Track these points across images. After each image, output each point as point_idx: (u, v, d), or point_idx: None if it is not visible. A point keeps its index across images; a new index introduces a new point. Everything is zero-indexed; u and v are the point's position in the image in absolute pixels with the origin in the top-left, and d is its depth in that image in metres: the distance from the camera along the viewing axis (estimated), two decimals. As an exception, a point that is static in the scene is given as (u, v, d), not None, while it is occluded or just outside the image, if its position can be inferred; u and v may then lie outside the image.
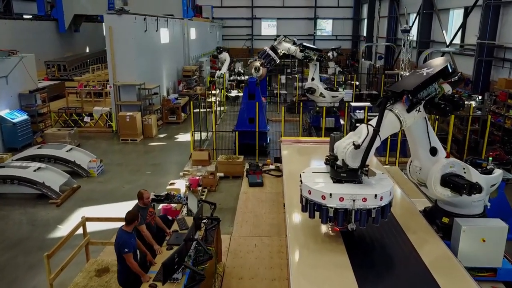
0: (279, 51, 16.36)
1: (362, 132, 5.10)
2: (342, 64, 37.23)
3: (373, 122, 5.15)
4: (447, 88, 5.55)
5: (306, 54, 16.22)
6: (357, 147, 4.93)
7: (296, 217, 5.95)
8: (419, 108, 5.27)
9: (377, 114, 5.24)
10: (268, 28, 44.47)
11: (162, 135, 17.57)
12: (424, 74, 5.35)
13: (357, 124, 17.55)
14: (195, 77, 25.55)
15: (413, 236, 5.52)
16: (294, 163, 9.38)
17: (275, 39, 20.30)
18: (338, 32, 44.19)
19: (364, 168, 5.06)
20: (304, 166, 6.00)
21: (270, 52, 15.80)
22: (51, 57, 26.51)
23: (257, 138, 13.88)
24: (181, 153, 14.86)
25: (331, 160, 5.22)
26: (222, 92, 23.15)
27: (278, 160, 12.56)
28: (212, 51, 35.79)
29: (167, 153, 15.25)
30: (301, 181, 5.35)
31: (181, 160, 14.11)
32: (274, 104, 24.30)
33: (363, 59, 34.03)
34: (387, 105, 5.25)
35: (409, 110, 5.17)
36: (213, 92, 21.96)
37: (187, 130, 14.42)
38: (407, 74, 20.49)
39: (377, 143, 5.05)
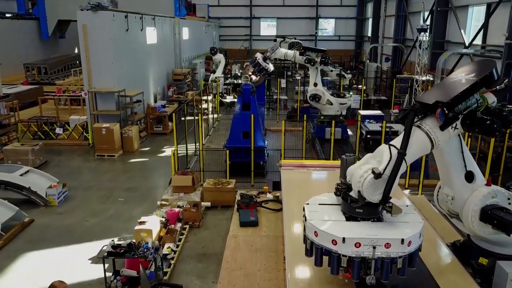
0: (272, 59, 14.36)
1: (383, 156, 4.18)
2: (347, 66, 35.08)
3: (397, 141, 4.25)
4: (491, 99, 4.59)
5: (307, 56, 14.10)
6: (377, 176, 3.99)
7: (301, 274, 4.73)
8: (456, 125, 4.39)
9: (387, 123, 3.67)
10: (267, 28, 42.39)
11: (145, 149, 15.36)
12: (463, 81, 4.44)
13: (367, 136, 15.45)
14: (187, 81, 23.33)
15: (444, 281, 4.58)
16: (296, 194, 7.41)
17: (275, 39, 18.21)
18: (341, 32, 42.14)
19: (387, 204, 4.08)
20: (309, 197, 4.84)
21: (261, 61, 13.74)
22: (36, 59, 24.47)
23: (253, 157, 11.71)
24: (164, 173, 12.63)
25: (343, 191, 4.36)
26: (216, 97, 20.99)
27: (277, 185, 10.35)
28: (207, 53, 33.64)
29: (148, 172, 13.05)
30: (304, 216, 4.41)
31: (163, 182, 11.91)
32: (273, 110, 22.14)
33: (368, 61, 31.88)
34: (415, 120, 4.33)
35: (443, 127, 4.28)
36: (204, 98, 19.71)
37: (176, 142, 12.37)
38: (422, 78, 18.47)
39: (402, 168, 4.11)
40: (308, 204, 4.59)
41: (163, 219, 8.76)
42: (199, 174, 11.51)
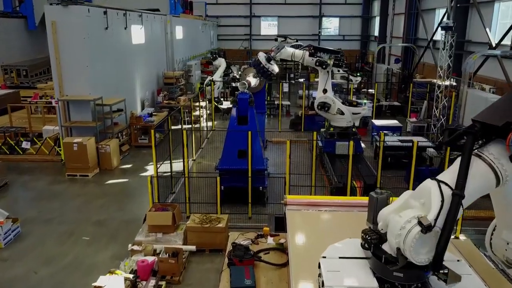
0: (277, 59, 12.26)
1: (431, 199, 3.07)
2: (352, 67, 32.95)
3: (448, 176, 3.14)
4: None
5: (319, 58, 11.98)
6: (427, 229, 2.92)
7: None
8: None
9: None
10: (268, 27, 40.29)
11: (126, 166, 13.24)
12: None
13: (385, 152, 13.31)
14: (180, 84, 21.18)
15: None
16: (307, 242, 5.60)
17: (276, 39, 16.12)
18: (345, 32, 40.01)
19: (443, 271, 3.02)
20: (324, 246, 3.81)
21: (264, 62, 11.59)
22: (23, 58, 22.43)
23: (250, 182, 9.59)
24: (146, 199, 10.39)
25: (372, 243, 3.32)
26: (212, 103, 18.88)
27: (280, 222, 8.19)
28: (204, 53, 31.57)
29: (126, 198, 10.89)
30: (320, 276, 3.40)
31: (143, 211, 9.66)
32: (275, 117, 20.04)
33: (375, 62, 29.74)
34: (474, 147, 3.22)
35: None
36: (196, 104, 17.56)
37: (163, 157, 10.34)
38: (445, 83, 16.26)
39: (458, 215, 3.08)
40: (324, 257, 3.68)
41: (131, 276, 6.65)
42: (184, 205, 9.38)
